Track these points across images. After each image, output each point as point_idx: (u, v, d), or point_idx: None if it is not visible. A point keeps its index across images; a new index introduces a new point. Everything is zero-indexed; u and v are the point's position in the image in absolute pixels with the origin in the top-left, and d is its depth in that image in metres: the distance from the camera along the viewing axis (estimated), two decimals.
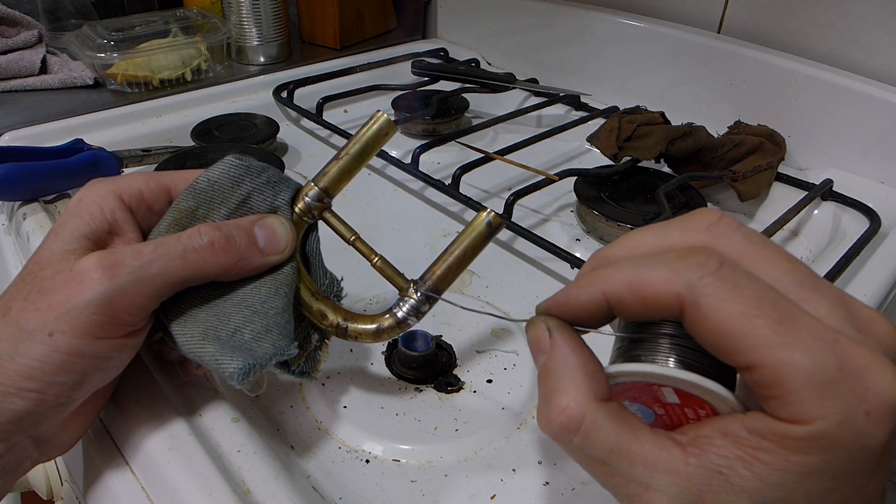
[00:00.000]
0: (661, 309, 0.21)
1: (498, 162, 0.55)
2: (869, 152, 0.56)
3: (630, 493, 0.21)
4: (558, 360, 0.23)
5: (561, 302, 0.24)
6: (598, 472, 0.22)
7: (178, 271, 0.26)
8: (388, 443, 0.33)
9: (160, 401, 0.31)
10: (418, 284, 0.30)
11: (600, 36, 0.73)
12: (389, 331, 0.30)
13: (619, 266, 0.22)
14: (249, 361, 0.26)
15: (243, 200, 0.30)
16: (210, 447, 0.29)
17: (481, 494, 0.31)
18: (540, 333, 0.24)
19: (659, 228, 0.23)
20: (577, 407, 0.21)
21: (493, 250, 0.50)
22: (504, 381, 0.37)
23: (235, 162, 0.30)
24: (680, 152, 0.54)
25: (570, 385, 0.22)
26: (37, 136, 0.59)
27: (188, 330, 0.27)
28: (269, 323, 0.28)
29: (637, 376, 0.22)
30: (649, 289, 0.21)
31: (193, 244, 0.27)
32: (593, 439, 0.21)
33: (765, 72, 0.61)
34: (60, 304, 0.25)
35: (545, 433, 0.22)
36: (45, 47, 0.77)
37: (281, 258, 0.29)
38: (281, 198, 0.31)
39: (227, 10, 0.82)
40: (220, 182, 0.30)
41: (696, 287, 0.20)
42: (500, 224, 0.29)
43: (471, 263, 0.30)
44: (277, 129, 0.64)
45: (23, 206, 0.50)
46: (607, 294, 0.22)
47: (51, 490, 0.41)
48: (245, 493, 0.27)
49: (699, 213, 0.23)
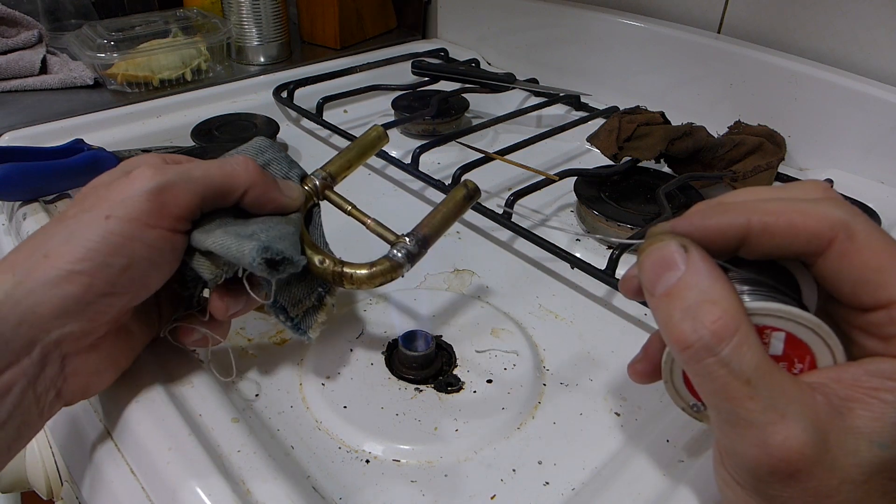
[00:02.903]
0: (809, 240, 0.22)
1: (498, 162, 0.55)
2: (869, 152, 0.56)
3: (764, 421, 0.20)
4: (702, 273, 0.22)
5: (696, 224, 0.23)
6: (736, 391, 0.21)
7: (217, 177, 0.30)
8: (388, 443, 0.33)
9: (160, 401, 0.31)
10: (410, 234, 0.33)
11: (600, 36, 0.73)
12: (384, 273, 0.32)
13: (763, 201, 0.23)
14: (266, 244, 0.29)
15: (264, 164, 0.34)
16: (210, 447, 0.29)
17: (481, 494, 0.31)
18: (671, 250, 0.23)
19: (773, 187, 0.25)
20: (732, 316, 0.21)
21: (494, 250, 0.50)
22: (504, 381, 0.37)
23: (261, 138, 0.36)
24: (680, 152, 0.54)
25: (722, 296, 0.21)
26: (37, 137, 0.60)
27: (210, 235, 0.30)
28: (282, 234, 0.31)
29: (776, 315, 0.22)
30: (806, 218, 0.22)
31: (230, 161, 0.31)
32: (743, 353, 0.21)
33: (765, 72, 0.61)
34: (116, 195, 0.28)
35: (683, 346, 0.21)
36: (45, 47, 0.77)
37: (293, 203, 0.33)
38: (294, 172, 0.36)
39: (227, 10, 0.82)
40: (247, 149, 0.35)
41: (851, 221, 0.21)
42: (477, 189, 0.36)
43: (454, 223, 0.35)
44: (277, 129, 0.64)
45: (23, 206, 0.50)
46: (753, 222, 0.22)
47: (51, 490, 0.41)
48: (245, 493, 0.27)
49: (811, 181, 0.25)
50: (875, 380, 0.20)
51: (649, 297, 0.23)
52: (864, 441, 0.20)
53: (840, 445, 0.20)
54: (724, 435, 0.22)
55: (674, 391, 0.26)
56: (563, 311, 0.43)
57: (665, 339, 0.23)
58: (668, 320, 0.22)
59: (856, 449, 0.20)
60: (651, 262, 0.23)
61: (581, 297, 0.45)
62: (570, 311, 0.43)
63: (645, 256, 0.24)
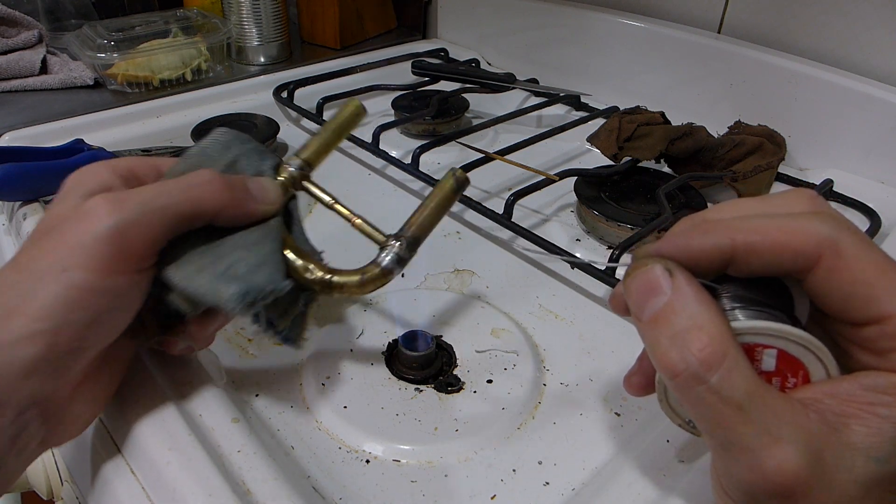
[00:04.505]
0: (796, 259, 0.21)
1: (498, 162, 0.55)
2: (869, 152, 0.56)
3: (758, 445, 0.20)
4: (688, 298, 0.22)
5: (681, 246, 0.23)
6: (728, 417, 0.20)
7: (182, 205, 0.27)
8: (388, 443, 0.33)
9: (160, 401, 0.31)
10: (398, 235, 0.31)
11: (600, 36, 0.73)
12: (374, 280, 0.31)
13: (747, 218, 0.22)
14: (245, 287, 0.27)
15: (231, 163, 0.32)
16: (210, 447, 0.29)
17: (481, 494, 0.31)
18: (656, 274, 0.22)
19: (759, 199, 0.24)
20: (720, 343, 0.20)
21: (494, 250, 0.50)
22: (504, 381, 0.37)
23: (224, 130, 0.33)
24: (680, 152, 0.54)
25: (709, 321, 0.21)
26: (37, 137, 0.59)
27: (182, 270, 0.28)
28: (262, 259, 0.29)
29: (766, 334, 0.22)
30: (790, 236, 0.21)
31: (193, 181, 0.28)
32: (733, 379, 0.20)
33: (765, 72, 0.61)
34: (72, 241, 0.25)
35: (672, 374, 0.21)
36: (45, 47, 0.77)
37: (270, 209, 0.31)
38: (266, 164, 0.32)
39: (227, 10, 0.82)
40: (211, 147, 0.32)
41: (838, 237, 0.21)
42: (465, 179, 0.33)
43: (443, 217, 0.32)
44: (277, 129, 0.64)
45: (23, 206, 0.50)
46: (737, 242, 0.22)
47: (51, 490, 0.41)
48: (245, 493, 0.27)
49: (797, 190, 0.24)
50: (870, 394, 0.20)
51: (636, 322, 0.23)
52: (861, 456, 0.20)
53: (836, 462, 0.20)
54: (719, 458, 0.22)
55: (668, 408, 0.25)
56: (563, 311, 0.43)
57: (654, 365, 0.22)
58: (655, 347, 0.22)
59: (852, 465, 0.20)
60: (636, 286, 0.23)
61: (581, 297, 0.45)
62: (570, 311, 0.43)
63: (630, 280, 0.23)
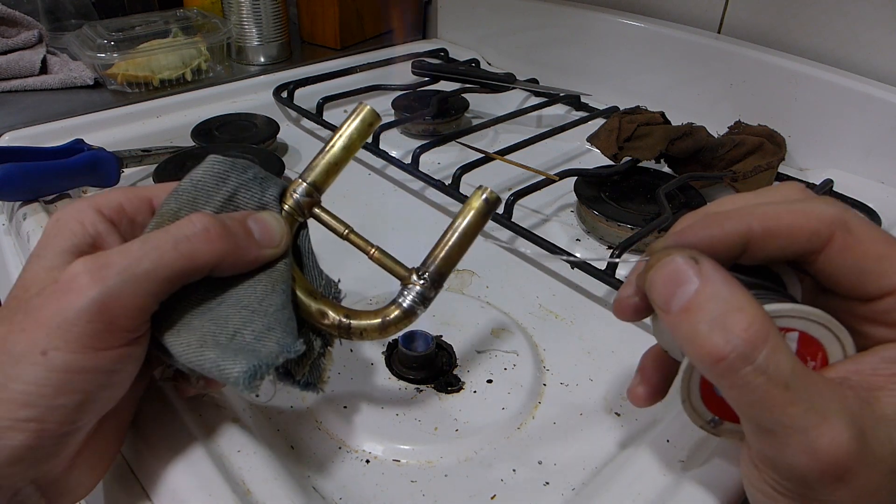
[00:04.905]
0: (810, 239, 0.22)
1: (498, 162, 0.55)
2: (869, 152, 0.56)
3: (807, 425, 0.20)
4: (719, 283, 0.21)
5: (702, 235, 0.23)
6: (775, 397, 0.20)
7: (172, 264, 0.24)
8: (388, 443, 0.33)
9: (159, 400, 0.31)
10: (421, 270, 0.28)
11: (600, 36, 0.73)
12: (396, 323, 0.28)
13: (757, 206, 0.24)
14: (254, 363, 0.24)
15: (230, 198, 0.28)
16: (210, 447, 0.29)
17: (481, 494, 0.31)
18: (682, 264, 0.22)
19: (755, 193, 0.25)
20: (762, 322, 0.20)
21: (493, 250, 0.50)
22: (504, 381, 0.37)
23: (219, 159, 0.29)
24: (680, 152, 0.54)
25: (746, 303, 0.21)
26: (37, 137, 0.59)
27: (183, 339, 0.25)
28: (270, 321, 0.26)
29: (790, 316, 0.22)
30: (804, 218, 0.22)
31: (185, 233, 0.25)
32: (778, 358, 0.20)
33: (765, 72, 0.61)
34: (50, 319, 0.22)
35: (716, 359, 0.20)
36: (45, 47, 0.77)
37: (276, 252, 0.28)
38: (269, 194, 0.29)
39: (227, 10, 0.82)
40: (205, 181, 0.28)
41: (846, 216, 0.22)
42: (497, 199, 0.29)
43: (471, 245, 0.29)
44: (277, 129, 0.64)
45: (23, 206, 0.50)
46: (754, 228, 0.23)
47: None
48: (245, 493, 0.27)
49: (786, 183, 0.26)
50: (893, 366, 0.21)
51: (664, 315, 0.23)
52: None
53: (875, 436, 0.20)
54: (766, 446, 0.21)
55: (691, 409, 0.25)
56: (563, 311, 0.43)
57: (691, 355, 0.22)
58: (693, 335, 0.21)
59: (889, 437, 0.20)
60: (661, 278, 0.23)
61: (581, 297, 0.45)
62: (570, 311, 0.43)
63: (653, 273, 0.23)
